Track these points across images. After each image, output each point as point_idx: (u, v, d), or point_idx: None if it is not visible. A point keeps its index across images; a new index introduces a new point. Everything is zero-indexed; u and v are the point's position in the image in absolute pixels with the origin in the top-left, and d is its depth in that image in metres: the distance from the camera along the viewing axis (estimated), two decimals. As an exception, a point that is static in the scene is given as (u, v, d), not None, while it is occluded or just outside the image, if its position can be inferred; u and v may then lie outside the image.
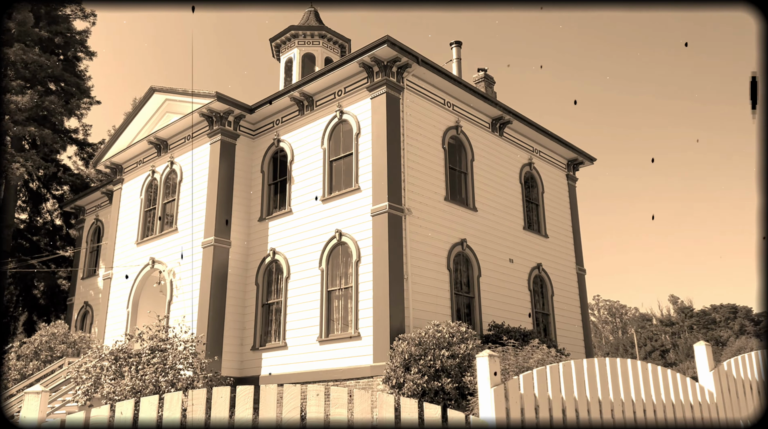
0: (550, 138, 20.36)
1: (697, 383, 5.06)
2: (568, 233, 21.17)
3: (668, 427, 4.60)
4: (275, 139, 17.99)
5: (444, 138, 16.78)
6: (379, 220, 14.47)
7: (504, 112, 18.54)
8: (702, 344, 5.21)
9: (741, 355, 5.60)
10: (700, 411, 4.89)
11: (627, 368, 4.51)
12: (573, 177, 22.13)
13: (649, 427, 4.46)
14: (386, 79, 15.29)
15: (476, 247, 16.77)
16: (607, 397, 4.25)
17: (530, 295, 18.40)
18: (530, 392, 3.84)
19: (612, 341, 72.78)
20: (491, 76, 20.85)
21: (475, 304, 16.33)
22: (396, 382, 12.15)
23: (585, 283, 21.28)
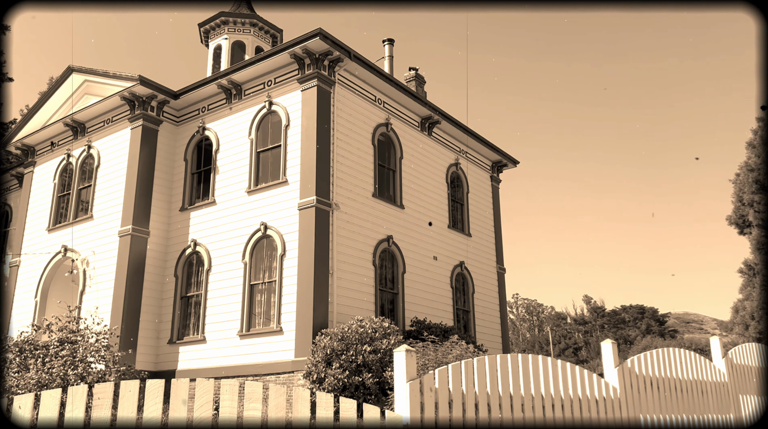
0: (477, 140, 20.83)
1: (603, 379, 5.31)
2: (490, 233, 21.74)
3: (574, 421, 4.80)
4: (200, 127, 17.50)
5: (374, 135, 16.83)
6: (306, 215, 14.36)
7: (433, 112, 18.80)
8: (608, 342, 5.48)
9: (643, 353, 5.92)
10: (604, 406, 5.13)
11: (538, 364, 4.67)
12: (497, 178, 22.72)
13: (557, 421, 4.65)
14: (317, 72, 15.17)
15: (402, 244, 16.94)
16: (518, 391, 4.39)
17: (452, 292, 18.77)
18: (445, 387, 3.92)
19: (529, 338, 75.39)
20: (422, 75, 21.09)
21: (398, 300, 16.49)
22: (317, 378, 12.11)
23: (504, 282, 21.92)
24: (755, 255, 33.81)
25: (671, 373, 6.22)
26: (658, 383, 5.94)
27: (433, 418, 3.80)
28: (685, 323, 79.56)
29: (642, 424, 5.52)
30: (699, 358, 6.79)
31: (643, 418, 5.56)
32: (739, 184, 35.62)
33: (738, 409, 7.23)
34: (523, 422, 4.33)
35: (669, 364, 6.23)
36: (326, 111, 15.20)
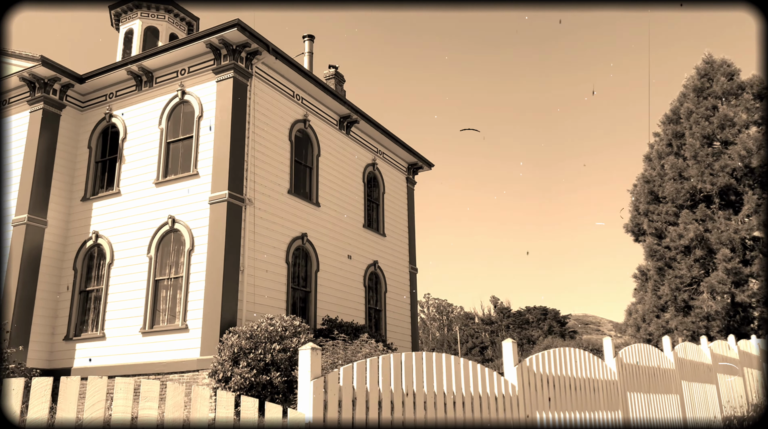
0: (394, 141, 21.05)
1: (503, 377, 5.50)
2: (404, 233, 22.03)
3: (474, 418, 4.95)
4: (107, 113, 16.67)
5: (291, 130, 16.65)
6: (217, 209, 13.99)
7: (352, 111, 18.82)
8: (509, 342, 5.68)
9: (541, 352, 6.19)
10: (503, 403, 5.32)
11: (441, 362, 4.78)
12: (412, 180, 23.06)
13: (458, 418, 4.77)
14: (234, 63, 14.82)
15: (316, 242, 16.85)
16: (421, 389, 4.47)
17: (365, 291, 18.87)
18: (349, 384, 3.93)
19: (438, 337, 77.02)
20: (342, 74, 21.07)
21: (311, 299, 16.39)
22: (223, 376, 11.83)
23: (416, 282, 22.28)
24: (648, 261, 36.10)
25: (566, 372, 6.53)
26: (554, 381, 6.22)
27: (336, 416, 3.80)
28: (584, 325, 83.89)
29: (537, 420, 5.76)
30: (592, 358, 7.18)
31: (539, 415, 5.81)
32: (636, 195, 37.96)
33: (626, 405, 7.70)
34: (425, 420, 4.42)
35: (564, 363, 6.54)
36: (242, 104, 14.87)
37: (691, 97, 36.76)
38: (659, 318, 34.75)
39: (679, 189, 34.92)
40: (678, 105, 37.44)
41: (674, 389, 9.54)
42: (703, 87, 36.70)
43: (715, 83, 36.19)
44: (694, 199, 35.34)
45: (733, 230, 32.58)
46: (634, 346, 8.52)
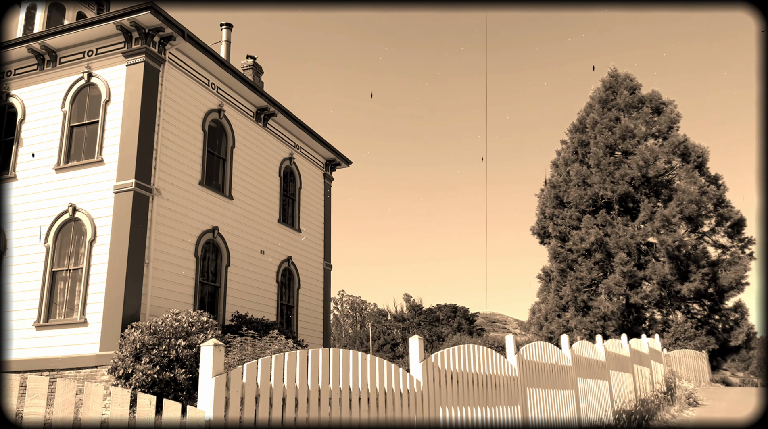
0: (312, 136, 20.90)
1: (408, 373, 5.60)
2: (319, 229, 21.94)
3: (378, 413, 5.02)
4: (4, 92, 15.57)
5: (205, 120, 16.18)
6: (122, 199, 13.39)
7: (269, 104, 18.53)
8: (416, 338, 5.79)
9: (446, 349, 6.35)
10: (407, 398, 5.41)
11: (348, 359, 4.81)
12: (330, 176, 23.00)
13: (362, 414, 4.82)
14: (146, 47, 14.22)
15: (228, 236, 16.47)
16: (326, 385, 4.48)
17: (278, 287, 18.64)
18: (253, 381, 3.88)
19: (351, 334, 77.27)
20: (260, 65, 20.69)
21: (220, 294, 16.01)
22: (123, 373, 11.35)
23: (330, 278, 22.25)
24: (552, 263, 37.84)
25: (470, 368, 6.73)
26: (458, 377, 6.40)
27: (238, 414, 3.74)
28: (491, 322, 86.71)
29: (441, 415, 5.91)
30: (495, 354, 7.44)
31: (442, 410, 5.96)
32: (542, 199, 39.66)
33: (524, 400, 8.04)
34: (329, 417, 4.43)
35: (469, 360, 6.74)
36: (153, 90, 14.30)
37: (596, 107, 38.83)
38: (560, 317, 36.50)
39: (582, 195, 36.81)
40: (584, 115, 39.45)
41: (570, 385, 10.04)
42: (608, 99, 38.86)
43: (619, 96, 38.40)
44: (596, 205, 37.37)
45: (629, 235, 34.71)
46: (535, 344, 8.90)
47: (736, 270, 33.77)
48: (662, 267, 33.49)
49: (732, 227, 35.38)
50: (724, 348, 34.45)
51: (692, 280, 33.37)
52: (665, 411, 13.82)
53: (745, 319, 34.44)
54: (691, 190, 33.92)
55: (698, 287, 33.32)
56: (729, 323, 34.48)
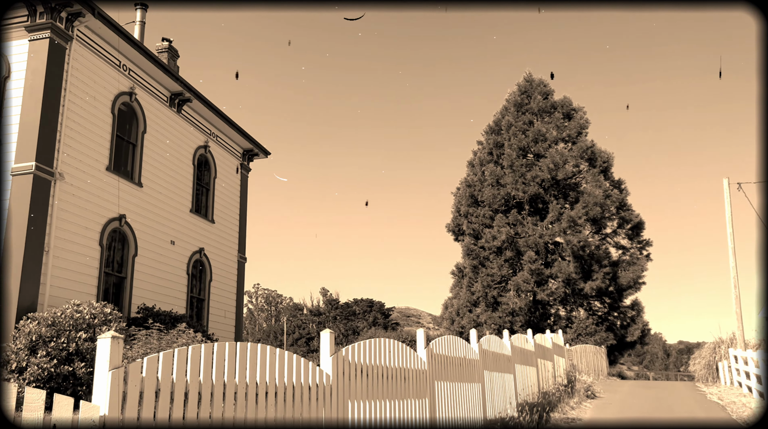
0: (229, 125, 20.39)
1: (318, 367, 5.59)
2: (234, 221, 21.46)
3: (286, 407, 4.98)
4: None
5: (115, 103, 15.43)
6: (20, 182, 12.55)
7: (185, 89, 17.91)
8: (327, 332, 5.78)
9: (358, 343, 6.39)
10: (316, 392, 5.40)
11: (256, 353, 4.73)
12: (247, 167, 22.53)
13: (269, 408, 4.76)
14: (52, 23, 13.38)
15: (136, 225, 15.81)
16: (232, 379, 4.39)
17: (188, 279, 18.09)
18: (154, 375, 3.74)
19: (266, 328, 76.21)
20: (176, 48, 19.95)
21: (126, 285, 15.36)
22: (17, 367, 10.66)
23: (244, 271, 21.82)
24: (465, 259, 38.85)
25: (381, 362, 6.80)
26: (368, 370, 6.45)
27: (136, 410, 3.60)
28: (406, 317, 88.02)
29: (350, 407, 5.94)
30: (405, 348, 7.55)
31: (351, 403, 5.99)
32: (458, 198, 40.63)
33: (432, 393, 8.22)
34: (234, 410, 4.35)
35: (379, 353, 6.80)
36: (58, 68, 13.48)
37: (511, 110, 40.16)
38: (471, 312, 37.56)
39: (496, 194, 37.99)
40: (500, 117, 40.70)
41: (477, 378, 10.36)
42: (523, 103, 40.27)
43: (533, 100, 39.88)
44: (509, 205, 38.68)
45: (538, 235, 36.17)
46: (444, 338, 9.11)
47: (634, 270, 35.93)
48: (568, 266, 35.13)
49: (632, 229, 37.60)
50: (622, 343, 36.61)
51: (594, 279, 35.21)
52: (565, 403, 14.52)
53: (640, 317, 36.72)
54: (597, 193, 35.75)
55: (600, 286, 35.21)
56: (626, 320, 36.66)
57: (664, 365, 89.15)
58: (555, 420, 12.17)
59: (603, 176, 37.51)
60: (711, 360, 28.45)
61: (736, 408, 14.77)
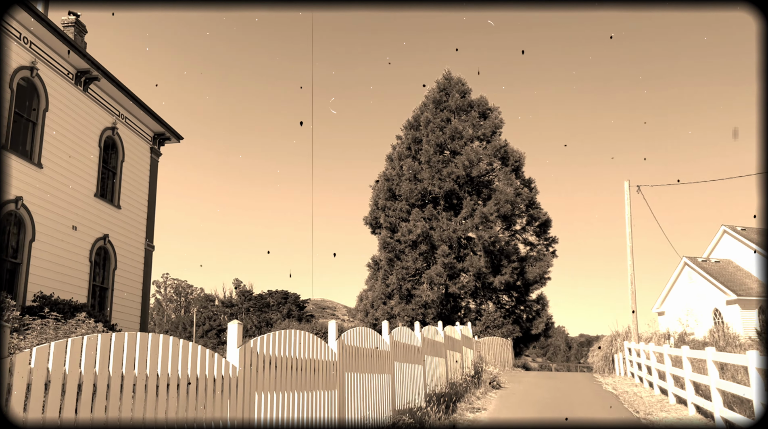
0: (140, 106, 19.51)
1: (225, 359, 5.46)
2: (143, 207, 20.60)
3: (189, 399, 4.84)
4: None
5: (13, 77, 14.40)
6: None
7: (92, 67, 16.97)
8: (234, 323, 5.66)
9: (267, 334, 6.30)
10: (221, 384, 5.28)
11: (158, 343, 4.57)
12: (157, 151, 21.67)
13: (171, 400, 4.61)
14: (-59, -14, 12.28)
15: (34, 208, 14.85)
16: (131, 371, 4.22)
17: (91, 266, 17.20)
18: (44, 366, 3.53)
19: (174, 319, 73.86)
20: (84, 23, 18.84)
21: (21, 272, 14.41)
22: None
23: (152, 260, 21.01)
24: (381, 252, 39.21)
25: (290, 353, 6.74)
26: (277, 362, 6.38)
27: (22, 403, 3.38)
28: (321, 309, 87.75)
29: (257, 399, 5.85)
30: (316, 340, 7.52)
31: (258, 395, 5.90)
32: (376, 191, 40.91)
33: (342, 384, 8.24)
34: (133, 402, 4.18)
35: (289, 345, 6.74)
36: (-52, 36, 12.41)
37: (430, 107, 40.82)
38: (386, 304, 37.99)
39: (413, 189, 38.54)
40: (419, 113, 41.29)
41: (388, 369, 10.48)
42: (441, 100, 41.01)
43: (451, 98, 40.70)
44: (425, 200, 39.36)
45: (452, 230, 37.03)
46: (356, 330, 9.15)
47: (540, 266, 37.50)
48: (479, 260, 36.19)
49: (540, 227, 39.21)
50: (527, 336, 38.17)
51: (504, 274, 36.47)
52: (471, 393, 14.98)
53: (545, 310, 38.41)
54: (508, 191, 37.00)
55: (508, 280, 36.51)
56: (532, 313, 38.24)
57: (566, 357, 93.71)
58: (461, 410, 12.53)
59: (515, 175, 38.85)
60: (608, 352, 30.21)
61: (628, 397, 15.76)
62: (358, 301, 40.48)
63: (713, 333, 29.30)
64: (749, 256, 39.12)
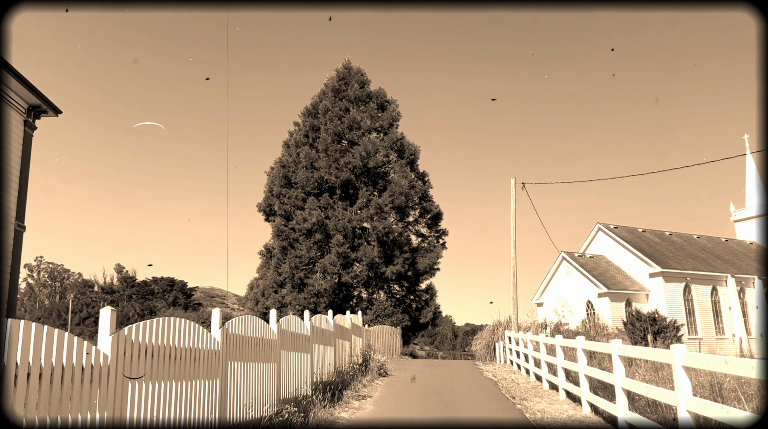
0: (12, 74, 17.91)
1: (95, 347, 5.16)
2: (13, 184, 18.98)
3: (53, 388, 4.54)
4: None
5: None
6: None
7: (-44, 27, 15.35)
8: (107, 310, 5.36)
9: (143, 322, 6.01)
10: (90, 373, 4.99)
11: (18, 330, 4.23)
12: (32, 124, 20.03)
13: (31, 391, 4.30)
14: None
15: None
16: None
17: (-52, 247, 15.64)
18: None
19: (48, 306, 69.06)
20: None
21: None
22: None
23: (22, 241, 19.45)
24: (275, 240, 38.68)
25: (170, 342, 6.48)
26: (154, 350, 6.11)
27: None
28: (210, 297, 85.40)
29: (130, 389, 5.59)
30: (198, 328, 7.28)
31: (132, 384, 5.63)
32: (272, 177, 40.23)
33: (225, 373, 8.04)
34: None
35: (168, 333, 6.47)
36: None
37: (329, 96, 40.65)
38: (277, 293, 37.57)
39: (309, 177, 38.26)
40: (318, 101, 41.00)
41: (274, 358, 10.36)
42: (340, 89, 40.95)
43: (350, 88, 40.74)
44: (321, 188, 39.21)
45: (347, 220, 37.20)
46: (242, 318, 8.96)
47: (431, 257, 38.56)
48: (372, 250, 36.63)
49: (432, 219, 40.29)
50: (416, 324, 39.17)
51: (396, 264, 37.16)
52: (358, 381, 15.15)
53: (433, 300, 39.58)
54: (403, 183, 37.67)
55: (400, 270, 37.25)
56: (421, 303, 39.27)
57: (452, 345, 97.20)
58: (347, 397, 12.65)
59: (410, 168, 39.61)
60: (490, 341, 31.64)
61: (506, 383, 16.58)
62: (249, 290, 39.76)
63: (585, 323, 31.50)
64: (621, 253, 42.37)
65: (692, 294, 40.22)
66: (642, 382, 8.94)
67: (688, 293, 40.17)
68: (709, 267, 42.11)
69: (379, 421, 10.24)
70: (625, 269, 41.70)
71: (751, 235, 52.70)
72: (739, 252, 47.90)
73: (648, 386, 7.75)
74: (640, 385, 8.00)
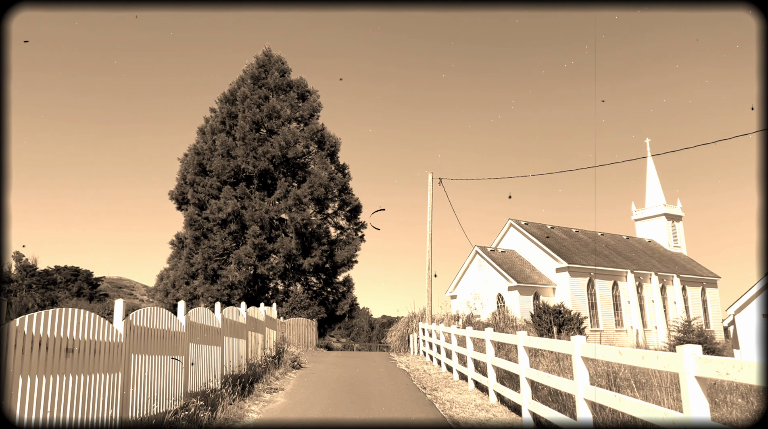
0: None
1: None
2: None
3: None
4: None
5: None
6: None
7: None
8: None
9: (37, 313, 5.67)
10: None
11: None
12: None
13: None
14: None
15: None
16: None
17: None
18: None
19: (-66, 296, 63.84)
20: None
21: None
22: None
23: None
24: (187, 230, 37.48)
25: (66, 334, 6.14)
26: (48, 343, 5.78)
27: None
28: (117, 288, 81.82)
29: (20, 383, 5.25)
30: (98, 320, 6.94)
31: (22, 379, 5.30)
32: (185, 165, 38.92)
33: (128, 367, 7.72)
34: None
35: (65, 325, 6.13)
36: None
37: (248, 83, 39.74)
38: (189, 284, 36.45)
39: (225, 166, 37.29)
40: (236, 87, 39.99)
41: (182, 351, 10.05)
42: (260, 76, 40.12)
43: (270, 76, 40.00)
44: (238, 178, 38.31)
45: (265, 210, 36.58)
46: (147, 310, 8.63)
47: (349, 249, 38.60)
48: (290, 242, 36.23)
49: (351, 212, 40.31)
50: (332, 317, 39.15)
51: (314, 256, 36.94)
52: (271, 374, 14.97)
53: (350, 292, 39.68)
54: (323, 175, 37.46)
55: (318, 262, 37.06)
56: (338, 295, 39.27)
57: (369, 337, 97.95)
58: (258, 390, 12.47)
59: (330, 159, 39.43)
60: (404, 332, 32.11)
61: (418, 374, 16.87)
62: (158, 281, 38.37)
63: (495, 315, 32.56)
64: (530, 248, 44.05)
65: (595, 288, 42.45)
66: (545, 372, 9.33)
67: (591, 287, 42.36)
68: (611, 263, 44.57)
69: (290, 414, 10.17)
70: (534, 264, 43.43)
71: (650, 234, 56.21)
72: (638, 249, 50.98)
73: (550, 376, 8.10)
74: (543, 375, 8.35)
